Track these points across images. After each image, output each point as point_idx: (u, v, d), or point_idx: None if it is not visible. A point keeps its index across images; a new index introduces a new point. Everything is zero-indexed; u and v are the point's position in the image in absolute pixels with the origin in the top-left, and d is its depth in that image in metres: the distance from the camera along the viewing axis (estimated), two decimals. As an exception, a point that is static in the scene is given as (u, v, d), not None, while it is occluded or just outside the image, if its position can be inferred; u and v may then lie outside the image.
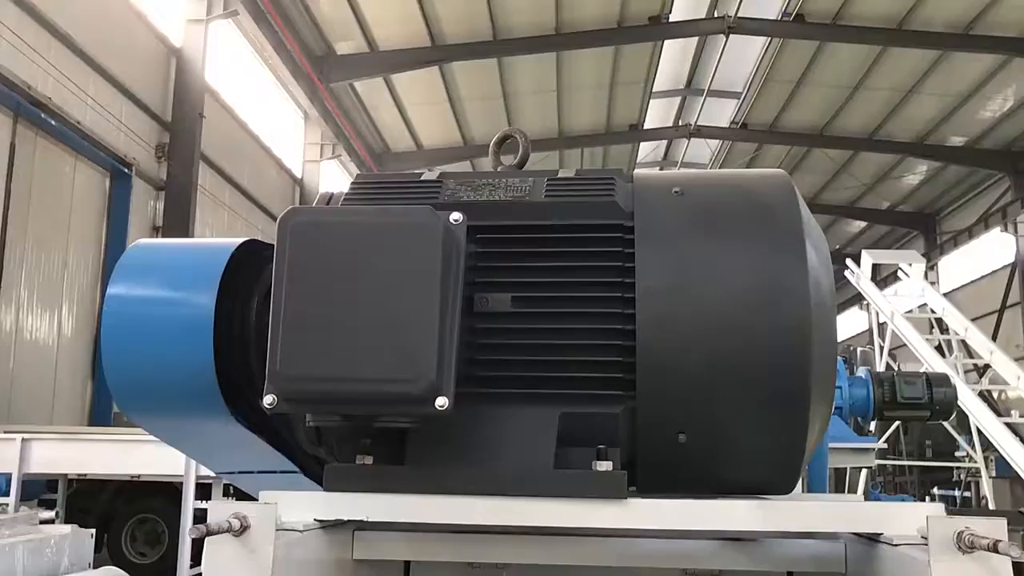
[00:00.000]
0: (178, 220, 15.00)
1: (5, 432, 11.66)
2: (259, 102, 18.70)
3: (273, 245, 1.84)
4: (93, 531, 10.65)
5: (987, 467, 15.36)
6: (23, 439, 11.27)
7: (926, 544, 1.54)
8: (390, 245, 1.79)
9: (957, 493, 17.74)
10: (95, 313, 14.05)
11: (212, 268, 2.10)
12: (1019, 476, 12.41)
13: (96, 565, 10.23)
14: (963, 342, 15.11)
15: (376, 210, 1.98)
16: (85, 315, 14.14)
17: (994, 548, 1.46)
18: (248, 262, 2.16)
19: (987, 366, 14.72)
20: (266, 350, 1.78)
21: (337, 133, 21.28)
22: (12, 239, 12.38)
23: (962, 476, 18.00)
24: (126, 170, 14.25)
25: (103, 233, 14.41)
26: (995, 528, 1.51)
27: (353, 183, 2.23)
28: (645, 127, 24.50)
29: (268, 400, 1.76)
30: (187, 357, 2.05)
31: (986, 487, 15.33)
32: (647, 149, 26.53)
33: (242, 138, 18.13)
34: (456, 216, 1.88)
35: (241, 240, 2.20)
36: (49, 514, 11.07)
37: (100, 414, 13.86)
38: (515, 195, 2.08)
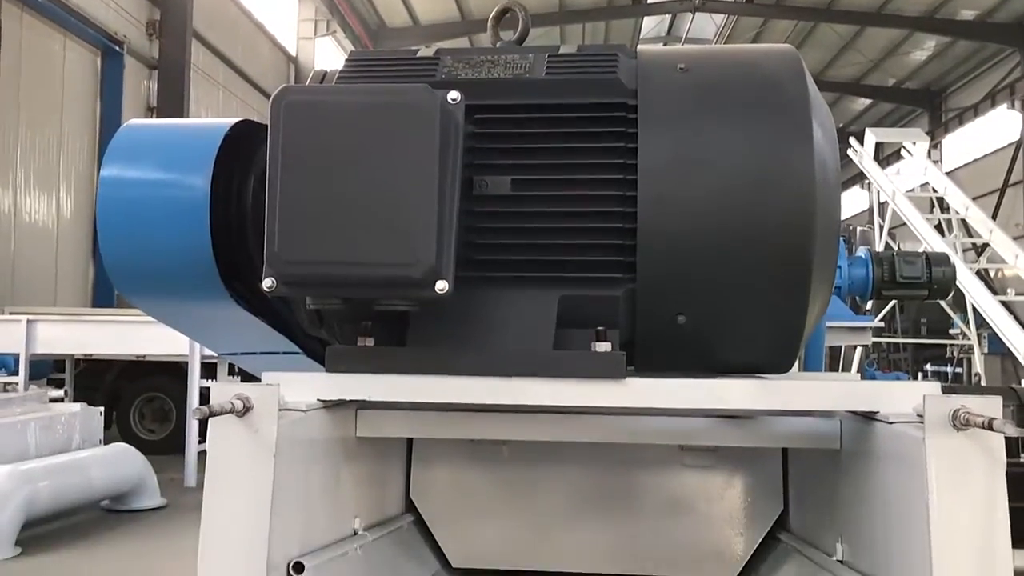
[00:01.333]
0: (172, 100, 14.75)
1: (10, 313, 11.79)
2: (249, -25, 18.13)
3: (267, 125, 1.80)
4: (102, 409, 10.90)
5: (980, 344, 15.59)
6: (28, 320, 11.41)
7: (921, 422, 1.56)
8: (386, 125, 1.75)
9: (949, 369, 18.06)
10: (93, 195, 13.97)
11: (205, 149, 2.06)
12: (1011, 353, 12.59)
13: (106, 442, 10.52)
14: (963, 221, 15.10)
15: (371, 89, 1.93)
16: (83, 197, 14.08)
17: (988, 426, 1.48)
18: (242, 143, 2.12)
19: (986, 245, 14.73)
20: (263, 232, 1.77)
21: (331, 8, 20.70)
22: (4, 121, 12.20)
23: (955, 353, 18.28)
24: (117, 48, 13.92)
25: (97, 113, 14.21)
26: (990, 406, 1.53)
27: (348, 61, 2.17)
28: (649, 1, 23.82)
29: (267, 283, 1.76)
30: (184, 239, 2.04)
31: (978, 363, 15.59)
32: (650, 24, 25.83)
33: (235, 14, 17.65)
34: (454, 95, 1.83)
35: (234, 120, 2.15)
36: (58, 393, 11.30)
37: (103, 295, 13.97)
38: (514, 72, 2.02)
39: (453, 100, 1.82)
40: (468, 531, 2.42)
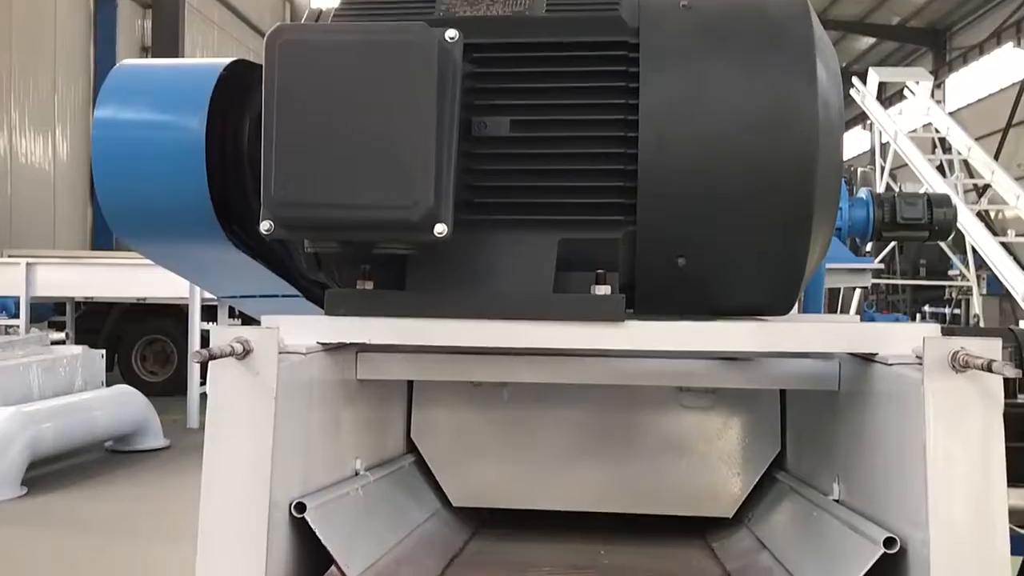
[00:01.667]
0: (167, 40, 14.57)
1: (9, 256, 11.79)
2: (243, -89, 17.76)
3: (262, 66, 1.78)
4: (103, 352, 10.97)
5: (979, 285, 15.63)
6: (27, 263, 11.43)
7: (920, 364, 1.56)
8: (382, 64, 1.72)
9: (947, 311, 18.14)
10: (89, 137, 13.87)
11: (200, 90, 2.04)
12: (1009, 294, 12.63)
13: (108, 384, 10.60)
14: (965, 162, 15.02)
15: (366, 27, 1.89)
16: (79, 139, 13.99)
17: (988, 368, 1.48)
18: (237, 83, 2.09)
19: (987, 186, 14.69)
20: (260, 174, 1.75)
21: (327, -55, 20.32)
22: (-3, 61, 12.06)
23: (953, 294, 18.34)
24: (109, -14, 13.72)
25: (91, 55, 14.04)
26: (989, 348, 1.53)
27: (343, -1, 2.12)
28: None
29: (264, 226, 1.75)
30: (180, 182, 2.02)
31: (976, 305, 15.64)
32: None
33: (228, -50, 17.35)
34: (451, 33, 1.80)
35: (229, 60, 2.13)
36: (59, 335, 11.37)
37: (102, 238, 13.97)
38: (514, 10, 1.98)
39: (451, 38, 1.79)
40: (468, 471, 2.45)
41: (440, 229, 1.72)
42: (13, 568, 6.07)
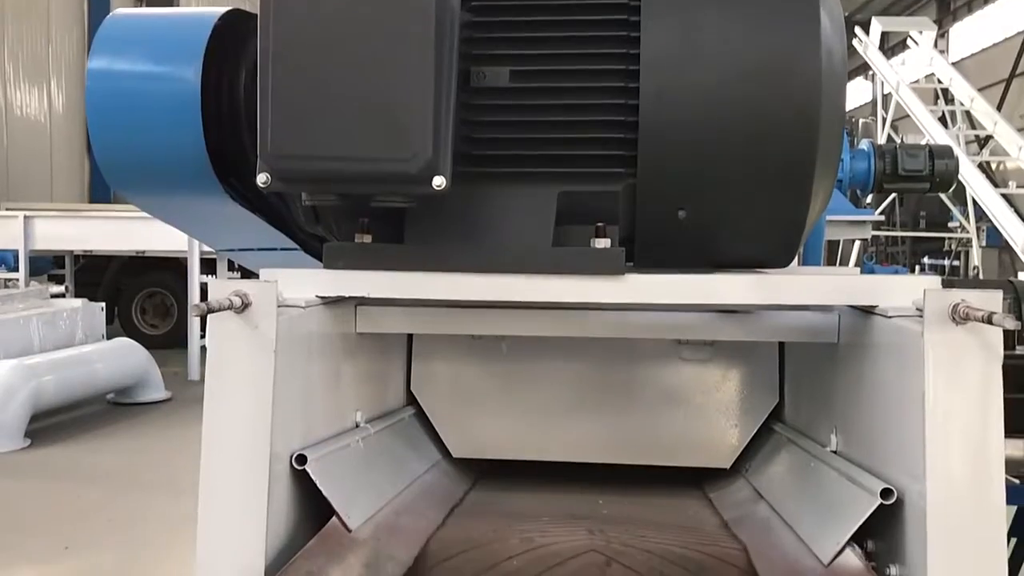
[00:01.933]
0: (161, -12, 14.37)
1: (7, 210, 11.75)
2: None
3: (258, 15, 1.75)
4: (103, 305, 10.98)
5: (978, 237, 15.61)
6: (25, 216, 11.39)
7: (920, 316, 1.56)
8: (380, 14, 1.69)
9: (946, 262, 18.14)
10: (84, 88, 13.75)
11: (194, 40, 2.01)
12: (1008, 245, 12.62)
13: (109, 337, 10.62)
14: (967, 113, 14.91)
15: (364, -25, 1.85)
16: (75, 91, 13.86)
17: (988, 320, 1.48)
18: (233, 33, 2.06)
19: (989, 137, 14.60)
20: (257, 126, 1.73)
21: None
22: (-11, 11, 11.91)
23: (953, 246, 18.32)
24: (101, -67, 13.49)
25: (84, 3, 13.84)
26: (989, 300, 1.52)
27: (339, -55, 2.08)
28: None
29: (261, 179, 1.73)
30: (176, 134, 2.01)
31: (976, 256, 15.64)
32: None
33: None
34: (449, -19, 1.76)
35: (224, 10, 2.09)
36: (59, 289, 11.38)
37: (100, 191, 13.90)
38: (513, -43, 1.95)
39: (449, -14, 1.76)
40: (468, 423, 2.46)
41: (438, 182, 1.71)
42: (16, 519, 6.14)
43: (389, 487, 2.05)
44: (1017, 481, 2.59)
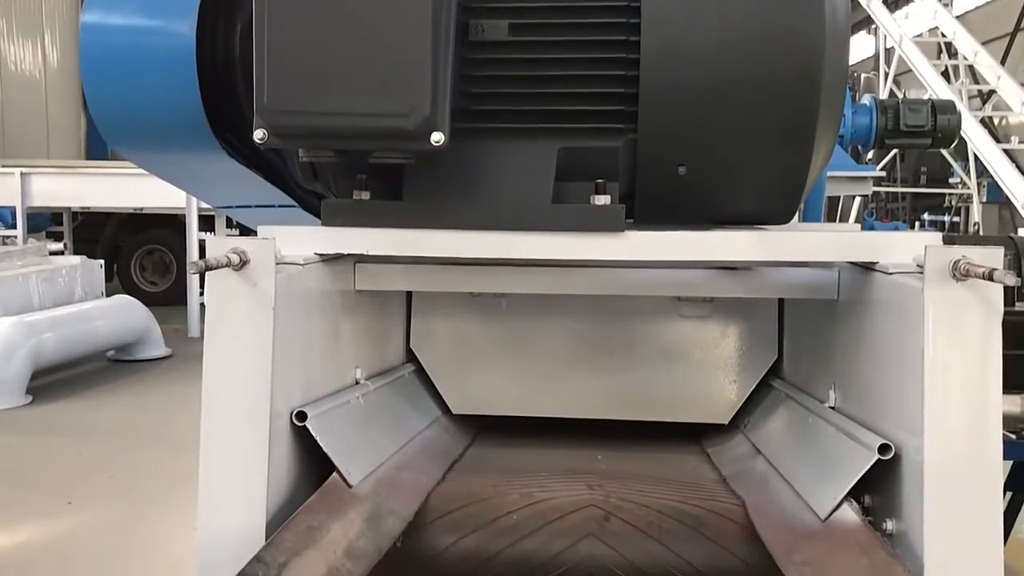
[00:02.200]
0: (154, -59, 14.15)
1: (3, 166, 11.68)
2: None
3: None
4: (102, 262, 10.97)
5: (979, 193, 15.57)
6: (22, 173, 11.33)
7: (921, 272, 1.56)
8: (377, -34, 1.66)
9: (947, 218, 18.12)
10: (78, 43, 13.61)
11: (189, -7, 1.98)
12: (1009, 201, 12.59)
13: (108, 294, 10.64)
14: (970, 67, 14.78)
15: (360, -74, 1.82)
16: (69, 45, 13.69)
17: (989, 276, 1.47)
18: (228, -13, 2.03)
19: (992, 92, 14.49)
20: (253, 82, 1.71)
21: None
22: (-20, -37, 11.74)
23: (953, 202, 18.27)
24: None
25: (76, -44, 13.63)
26: (990, 256, 1.52)
27: None
28: None
29: (258, 135, 1.72)
30: (171, 89, 1.98)
31: (976, 212, 15.60)
32: None
33: None
34: (447, -69, 1.73)
35: (219, -38, 2.06)
36: (57, 246, 11.35)
37: (96, 147, 13.81)
38: (512, -94, 1.91)
39: (447, -62, 1.72)
40: (468, 380, 2.47)
41: (437, 137, 1.69)
42: (18, 475, 6.19)
43: (389, 443, 2.06)
44: (1014, 436, 2.60)
